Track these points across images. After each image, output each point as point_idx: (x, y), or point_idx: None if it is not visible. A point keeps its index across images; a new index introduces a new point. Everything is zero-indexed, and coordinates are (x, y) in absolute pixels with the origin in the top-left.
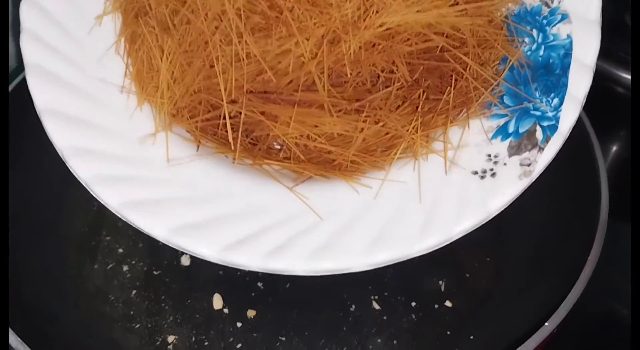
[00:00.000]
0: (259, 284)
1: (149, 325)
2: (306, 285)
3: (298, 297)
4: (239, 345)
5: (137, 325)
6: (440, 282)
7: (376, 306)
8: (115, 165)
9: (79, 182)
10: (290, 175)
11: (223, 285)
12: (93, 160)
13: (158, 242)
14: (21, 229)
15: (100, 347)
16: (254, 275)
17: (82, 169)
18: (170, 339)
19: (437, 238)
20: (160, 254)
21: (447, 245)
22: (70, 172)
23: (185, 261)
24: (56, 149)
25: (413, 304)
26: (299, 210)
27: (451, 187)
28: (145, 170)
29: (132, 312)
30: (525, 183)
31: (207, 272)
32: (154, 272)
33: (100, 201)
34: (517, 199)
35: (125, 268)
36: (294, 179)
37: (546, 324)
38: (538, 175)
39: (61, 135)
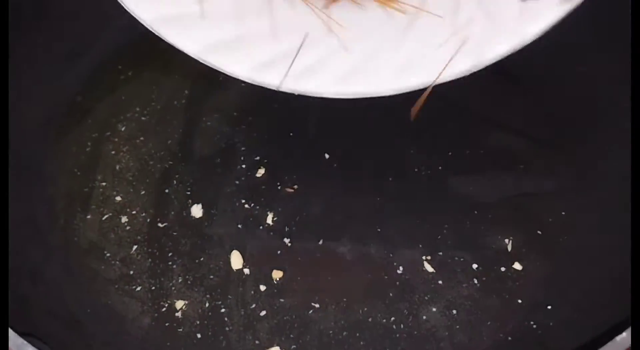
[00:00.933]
0: (286, 240)
1: (153, 288)
2: (343, 242)
3: (333, 256)
4: (263, 313)
5: (138, 288)
6: (507, 240)
7: (429, 268)
8: None
9: (67, 114)
10: None
11: (243, 241)
12: None
13: (164, 189)
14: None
15: (93, 313)
16: (279, 230)
17: None
18: (179, 304)
19: (468, 62)
20: (166, 203)
21: (514, 198)
22: (60, 103)
23: (196, 212)
24: None
25: (474, 266)
26: (328, 32)
27: (488, 11)
28: None
29: (132, 272)
30: (566, 8)
31: (223, 225)
32: (159, 225)
33: (134, 15)
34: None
35: (124, 219)
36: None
37: None
38: (580, 1)
39: None
